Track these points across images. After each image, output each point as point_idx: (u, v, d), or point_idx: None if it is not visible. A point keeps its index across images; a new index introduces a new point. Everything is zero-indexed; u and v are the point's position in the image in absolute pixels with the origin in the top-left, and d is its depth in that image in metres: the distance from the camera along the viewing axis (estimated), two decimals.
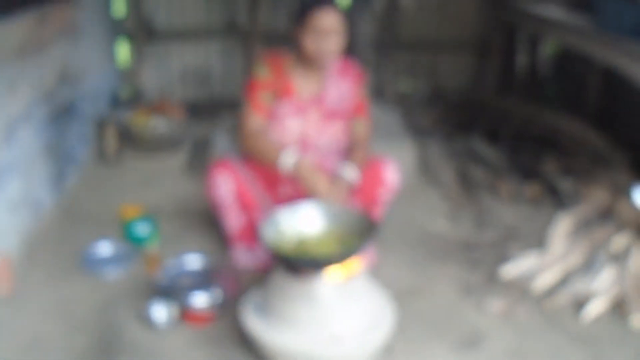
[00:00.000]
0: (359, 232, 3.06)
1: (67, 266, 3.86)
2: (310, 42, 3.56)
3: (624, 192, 4.54)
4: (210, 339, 3.24)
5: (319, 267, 2.87)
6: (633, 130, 5.47)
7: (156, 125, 5.49)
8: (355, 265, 2.98)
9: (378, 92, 7.18)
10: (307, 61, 3.68)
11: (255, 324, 2.94)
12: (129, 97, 6.59)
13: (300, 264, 2.89)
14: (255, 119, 3.60)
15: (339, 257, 2.89)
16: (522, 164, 5.29)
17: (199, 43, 6.90)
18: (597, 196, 4.56)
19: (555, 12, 5.58)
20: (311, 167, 3.32)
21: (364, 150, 3.75)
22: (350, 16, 6.54)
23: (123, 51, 6.75)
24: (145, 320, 3.30)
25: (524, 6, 6.08)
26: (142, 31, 6.62)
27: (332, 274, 2.88)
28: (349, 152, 3.77)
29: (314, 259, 2.92)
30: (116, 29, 6.34)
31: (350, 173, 3.50)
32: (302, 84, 3.74)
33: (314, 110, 3.74)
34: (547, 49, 7.14)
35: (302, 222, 3.17)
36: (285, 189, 3.75)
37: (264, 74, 3.67)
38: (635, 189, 4.65)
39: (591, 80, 6.16)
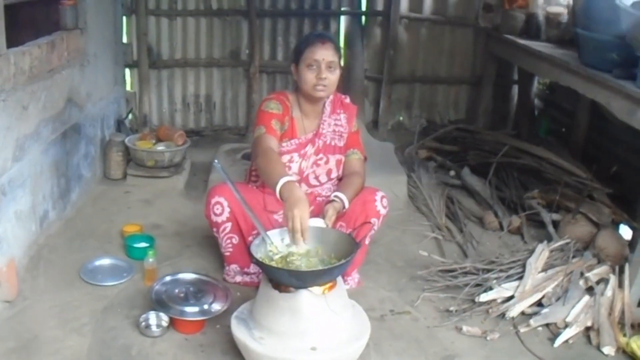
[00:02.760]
0: (342, 252, 3.24)
1: (68, 275, 4.04)
2: (308, 76, 3.75)
3: (605, 225, 4.69)
4: (200, 346, 3.41)
5: (301, 281, 3.06)
6: (617, 163, 5.61)
7: (158, 149, 5.66)
8: (336, 281, 3.17)
9: (374, 124, 7.37)
10: (305, 99, 3.88)
11: (242, 333, 3.12)
12: (133, 121, 6.75)
13: (284, 277, 3.07)
14: (270, 139, 3.70)
15: (321, 273, 3.09)
16: (508, 196, 5.45)
17: (202, 72, 7.08)
18: (579, 229, 4.71)
19: (543, 48, 5.74)
20: (295, 192, 3.22)
21: (358, 179, 3.92)
22: (349, 50, 6.76)
23: (129, 78, 6.91)
24: (139, 327, 3.48)
25: (514, 41, 6.21)
26: (147, 59, 6.80)
27: (314, 289, 3.07)
28: (343, 181, 3.94)
29: (296, 272, 3.10)
30: (122, 56, 6.48)
31: (340, 200, 3.66)
32: (302, 124, 3.94)
33: (310, 146, 3.94)
34: (539, 83, 7.29)
35: (290, 241, 3.32)
36: (280, 215, 3.90)
37: (276, 107, 3.84)
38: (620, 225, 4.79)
39: (580, 113, 6.32)
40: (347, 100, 4.11)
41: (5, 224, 3.72)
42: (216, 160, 3.54)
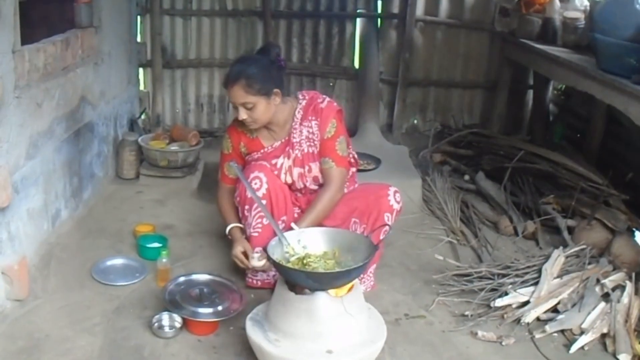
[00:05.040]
0: (360, 254, 3.21)
1: (80, 274, 4.02)
2: (236, 113, 3.76)
3: (621, 232, 4.65)
4: (213, 347, 3.38)
5: (318, 283, 3.03)
6: (632, 169, 5.55)
7: (172, 149, 5.65)
8: (352, 284, 3.14)
9: (388, 127, 7.34)
10: None
11: (257, 335, 3.09)
12: (146, 121, 6.75)
13: (300, 278, 3.06)
14: (222, 187, 4.08)
15: (338, 275, 3.07)
16: (523, 201, 5.40)
17: (216, 72, 7.09)
18: (594, 235, 4.68)
19: (559, 53, 5.69)
20: (234, 236, 3.86)
21: (327, 193, 3.82)
22: (364, 52, 6.73)
23: (142, 77, 6.92)
24: (151, 327, 3.46)
25: (531, 46, 6.17)
26: (161, 59, 6.82)
27: (330, 291, 3.05)
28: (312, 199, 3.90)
29: (313, 274, 3.08)
30: (136, 55, 6.49)
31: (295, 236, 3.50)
32: (267, 136, 3.92)
33: (283, 157, 3.89)
34: (555, 88, 7.25)
35: (306, 243, 3.36)
36: (298, 212, 3.92)
37: (227, 147, 4.02)
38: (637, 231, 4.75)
39: (595, 119, 6.27)
40: (324, 104, 3.90)
41: (17, 222, 3.70)
42: (232, 160, 3.54)
